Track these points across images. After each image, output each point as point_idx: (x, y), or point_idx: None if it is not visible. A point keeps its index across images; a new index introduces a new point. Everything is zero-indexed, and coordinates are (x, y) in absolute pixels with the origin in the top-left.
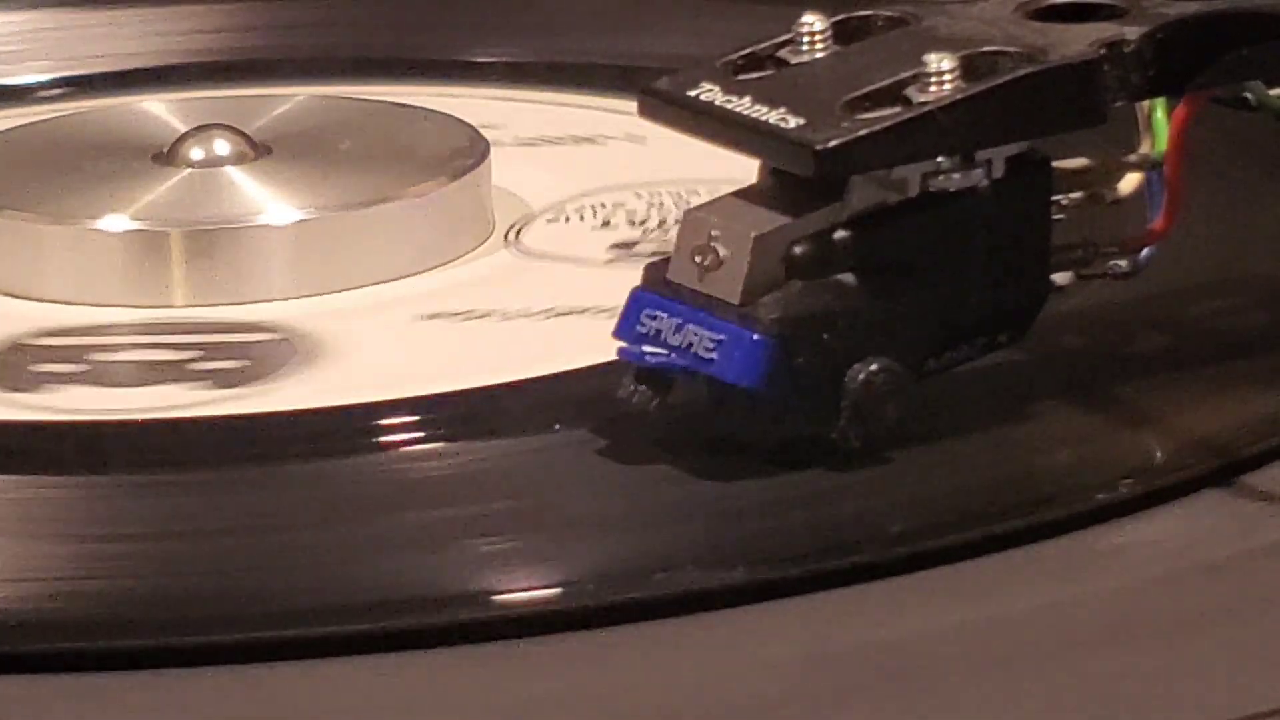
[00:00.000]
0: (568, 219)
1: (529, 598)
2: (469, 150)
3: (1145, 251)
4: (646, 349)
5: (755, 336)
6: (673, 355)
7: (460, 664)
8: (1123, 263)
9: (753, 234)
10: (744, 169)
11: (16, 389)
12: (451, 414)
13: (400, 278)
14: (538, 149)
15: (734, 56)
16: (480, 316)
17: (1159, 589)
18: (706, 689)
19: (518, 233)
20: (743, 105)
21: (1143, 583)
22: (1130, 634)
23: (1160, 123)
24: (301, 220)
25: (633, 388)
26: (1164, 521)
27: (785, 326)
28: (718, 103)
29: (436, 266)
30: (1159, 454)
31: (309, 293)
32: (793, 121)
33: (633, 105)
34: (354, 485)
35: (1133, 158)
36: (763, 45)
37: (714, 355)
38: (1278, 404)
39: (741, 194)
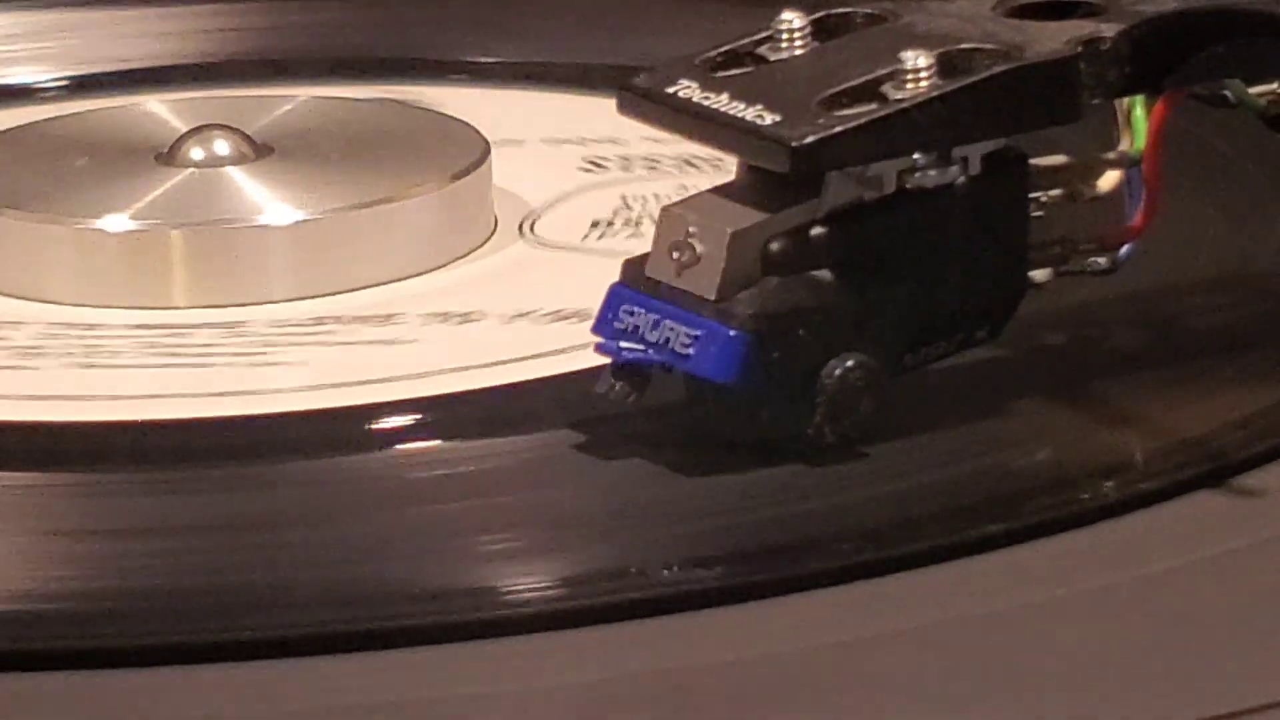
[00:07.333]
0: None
1: (523, 597)
2: (469, 150)
3: (1124, 248)
4: (624, 344)
5: (731, 332)
6: (650, 351)
7: (458, 663)
8: (1101, 260)
9: (729, 230)
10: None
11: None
12: (451, 414)
13: (400, 278)
14: (538, 149)
15: (713, 53)
16: (481, 318)
17: (1146, 590)
18: (686, 687)
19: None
20: (720, 102)
21: (1130, 584)
22: (1119, 634)
23: (1139, 120)
24: (301, 220)
25: (610, 383)
26: (1148, 523)
27: (761, 322)
28: (695, 99)
29: (437, 267)
30: (1138, 454)
31: (309, 293)
32: (769, 118)
33: None
34: (354, 485)
35: (1111, 155)
36: (742, 42)
37: (691, 351)
38: (1260, 403)
39: (719, 190)
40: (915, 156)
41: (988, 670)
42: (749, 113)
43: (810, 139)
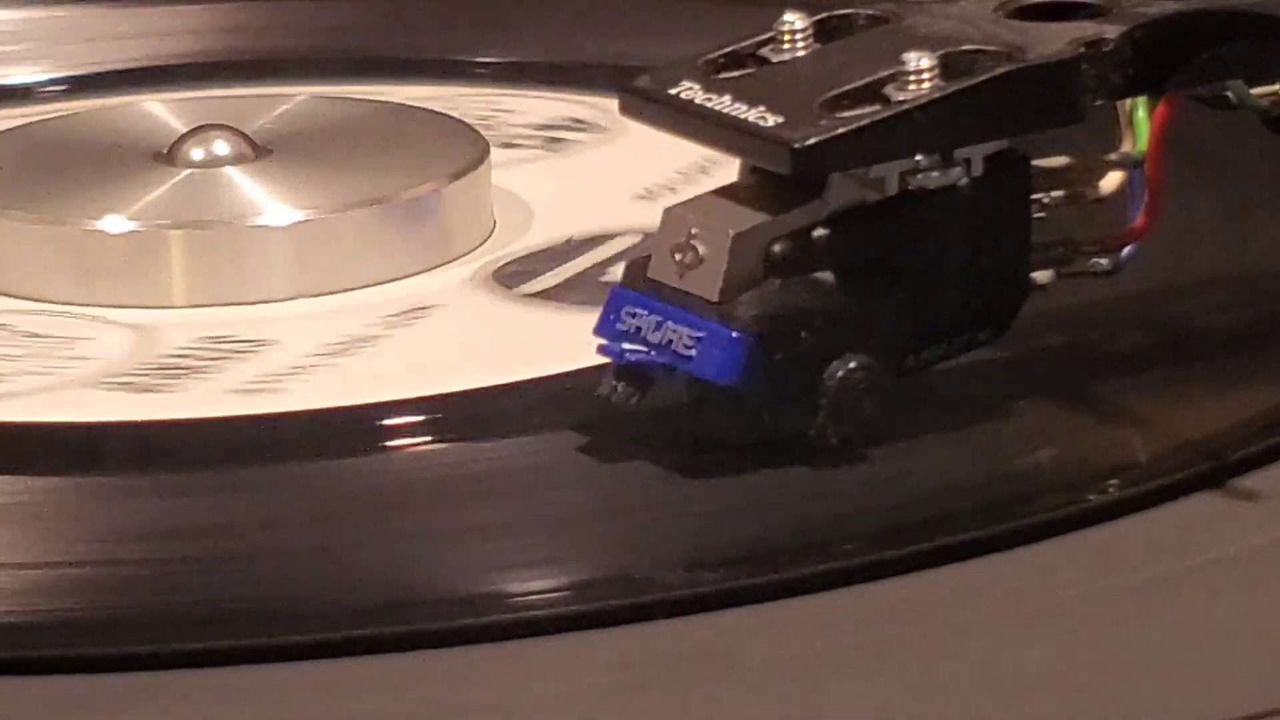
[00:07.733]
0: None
1: (523, 601)
2: (469, 150)
3: (1126, 250)
4: (626, 346)
5: (734, 334)
6: (652, 353)
7: (457, 664)
8: (1103, 261)
9: (732, 232)
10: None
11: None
12: (452, 414)
13: (400, 278)
14: (537, 149)
15: (715, 55)
16: (480, 317)
17: (1146, 592)
18: (689, 691)
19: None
20: (722, 103)
21: (1130, 586)
22: (1119, 637)
23: (1141, 121)
24: (301, 220)
25: (613, 385)
26: (1149, 525)
27: (763, 324)
28: (697, 101)
29: (436, 267)
30: (1139, 455)
31: (309, 293)
32: (771, 120)
33: None
34: (354, 485)
35: (1113, 156)
36: (744, 44)
37: (693, 353)
38: (1261, 404)
39: (721, 192)
40: (917, 158)
41: (989, 673)
42: (751, 114)
43: (812, 140)
